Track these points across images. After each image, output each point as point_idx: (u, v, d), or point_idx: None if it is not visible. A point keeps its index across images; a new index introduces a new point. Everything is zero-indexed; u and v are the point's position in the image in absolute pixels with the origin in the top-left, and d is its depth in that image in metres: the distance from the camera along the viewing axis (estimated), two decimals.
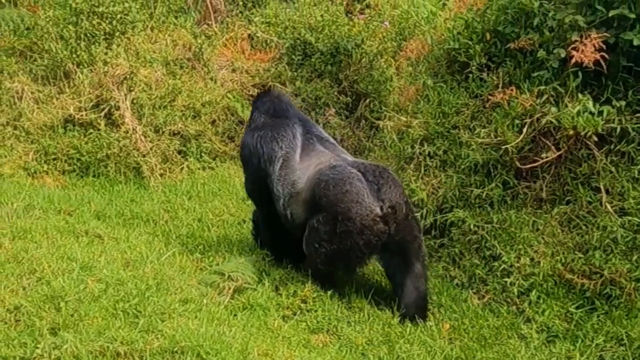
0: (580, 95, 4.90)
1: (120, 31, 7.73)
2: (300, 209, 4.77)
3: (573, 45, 4.84)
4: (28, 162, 7.02)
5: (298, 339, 4.28)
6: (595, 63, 4.78)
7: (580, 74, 4.92)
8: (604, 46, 4.78)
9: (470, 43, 5.52)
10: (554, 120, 4.94)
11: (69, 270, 4.32)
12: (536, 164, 5.05)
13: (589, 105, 4.85)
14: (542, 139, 5.06)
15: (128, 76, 7.40)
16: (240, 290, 4.63)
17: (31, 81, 7.53)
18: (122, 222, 5.94)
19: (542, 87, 5.04)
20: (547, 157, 5.00)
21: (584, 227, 4.85)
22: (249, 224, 5.61)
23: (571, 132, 4.87)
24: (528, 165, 5.09)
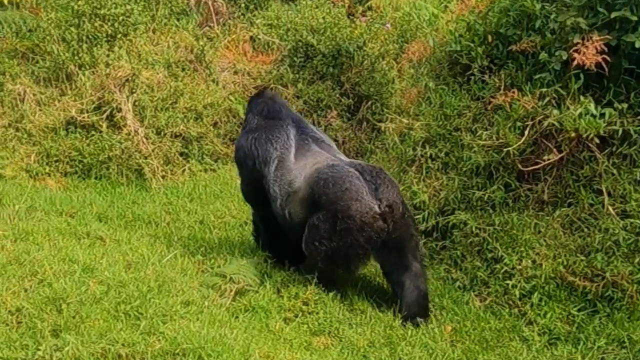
0: (582, 98, 4.90)
1: (122, 33, 7.74)
2: (299, 208, 4.77)
3: (575, 48, 4.84)
4: (30, 164, 7.03)
5: (299, 341, 4.28)
6: (597, 65, 4.78)
7: (582, 76, 4.91)
8: (605, 48, 4.77)
9: (472, 45, 5.52)
10: (555, 123, 4.93)
11: (71, 272, 4.32)
12: (538, 166, 5.05)
13: (591, 107, 4.84)
14: (544, 141, 5.06)
15: (130, 78, 7.41)
16: (242, 293, 4.63)
17: (33, 83, 7.54)
18: (124, 224, 5.94)
19: (544, 90, 5.03)
20: (549, 160, 4.99)
21: (585, 230, 4.84)
22: (250, 226, 5.61)
23: (573, 135, 4.86)
24: (530, 168, 5.09)
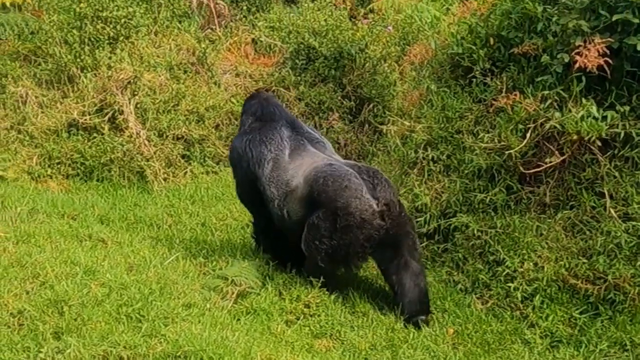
0: (584, 100, 4.90)
1: (124, 36, 7.75)
2: (297, 206, 4.78)
3: (577, 50, 4.84)
4: (32, 166, 7.04)
5: (301, 343, 4.28)
6: (599, 68, 4.78)
7: (584, 78, 4.91)
8: (607, 51, 4.77)
9: (474, 48, 5.52)
10: (557, 125, 4.93)
11: (73, 275, 4.33)
12: (540, 168, 5.04)
13: (593, 110, 4.84)
14: (546, 143, 5.05)
15: (132, 80, 7.42)
16: (244, 295, 4.63)
17: (35, 85, 7.55)
18: (126, 227, 5.95)
19: (546, 92, 5.03)
20: (551, 162, 4.99)
21: (587, 232, 4.84)
22: (252, 228, 5.60)
23: (575, 137, 4.86)
24: (532, 170, 5.09)
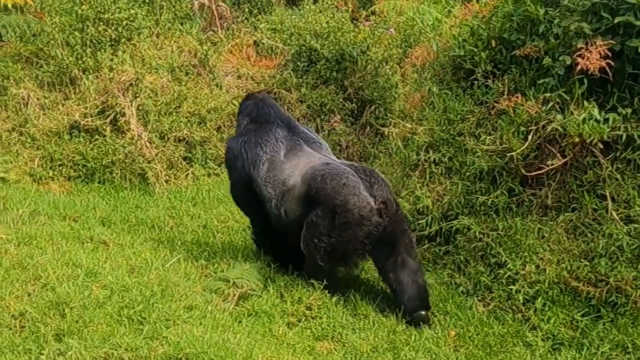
0: (585, 103, 4.90)
1: (126, 37, 7.76)
2: (295, 205, 4.80)
3: (578, 53, 4.84)
4: (34, 168, 7.04)
5: (303, 345, 4.27)
6: (601, 70, 4.78)
7: (585, 81, 4.91)
8: (609, 53, 4.77)
9: (475, 50, 5.52)
10: (559, 128, 4.93)
11: (74, 277, 4.33)
12: (542, 171, 5.04)
13: (595, 112, 4.84)
14: (548, 146, 5.05)
15: (134, 82, 7.42)
16: (245, 297, 4.63)
17: (37, 87, 7.56)
18: (127, 229, 5.94)
19: (548, 94, 5.03)
20: (553, 165, 4.99)
21: (589, 235, 4.83)
22: (251, 229, 5.60)
23: (577, 140, 4.86)
24: (533, 173, 5.08)
